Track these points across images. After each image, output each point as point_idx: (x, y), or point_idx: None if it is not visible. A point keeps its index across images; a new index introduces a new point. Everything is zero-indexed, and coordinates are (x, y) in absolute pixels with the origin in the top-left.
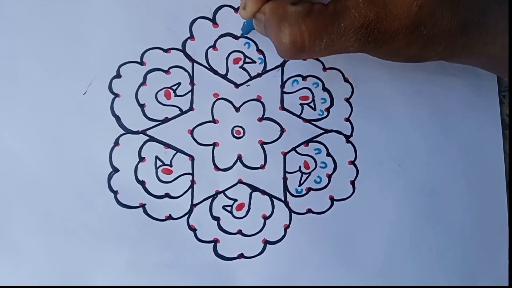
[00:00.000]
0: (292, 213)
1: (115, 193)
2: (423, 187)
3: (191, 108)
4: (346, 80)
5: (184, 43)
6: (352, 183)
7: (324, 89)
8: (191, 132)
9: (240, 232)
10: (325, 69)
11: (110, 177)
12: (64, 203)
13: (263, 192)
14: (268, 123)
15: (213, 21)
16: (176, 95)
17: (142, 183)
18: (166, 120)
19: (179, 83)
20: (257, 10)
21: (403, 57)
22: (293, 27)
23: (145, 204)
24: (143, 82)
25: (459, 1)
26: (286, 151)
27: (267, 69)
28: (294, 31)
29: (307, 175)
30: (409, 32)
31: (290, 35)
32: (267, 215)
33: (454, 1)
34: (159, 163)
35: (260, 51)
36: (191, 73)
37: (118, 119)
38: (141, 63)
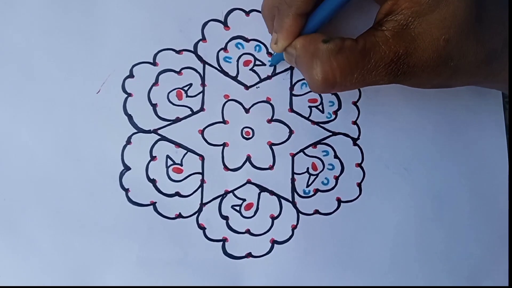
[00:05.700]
0: (300, 214)
1: (126, 191)
2: (428, 190)
3: (202, 109)
4: None
5: (196, 45)
6: (359, 185)
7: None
8: (202, 132)
9: (248, 231)
10: None
11: (121, 175)
12: (76, 200)
13: (271, 193)
14: (277, 124)
15: (225, 23)
16: (187, 96)
17: (153, 181)
18: (178, 120)
19: (191, 84)
20: (288, 45)
21: (430, 86)
22: (325, 65)
23: (155, 202)
24: (156, 82)
25: (484, 33)
26: (294, 153)
27: (276, 71)
28: (326, 68)
29: (314, 176)
30: (436, 65)
31: (322, 73)
32: (275, 215)
33: (480, 33)
34: (170, 162)
35: (270, 54)
36: (202, 74)
37: (130, 118)
38: (154, 63)
